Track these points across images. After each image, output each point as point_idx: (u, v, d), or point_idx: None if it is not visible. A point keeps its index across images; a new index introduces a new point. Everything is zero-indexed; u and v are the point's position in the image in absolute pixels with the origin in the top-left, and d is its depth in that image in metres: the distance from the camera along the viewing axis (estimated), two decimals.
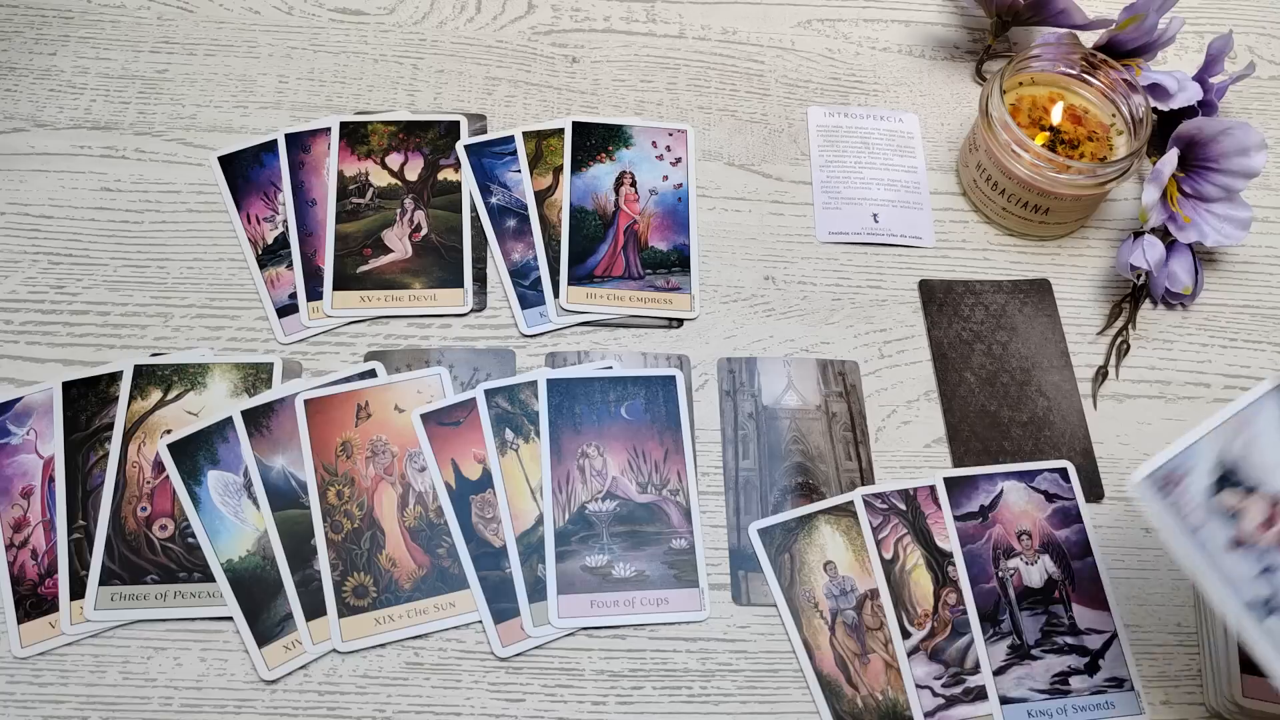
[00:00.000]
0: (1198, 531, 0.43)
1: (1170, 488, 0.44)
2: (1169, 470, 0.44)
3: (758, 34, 0.77)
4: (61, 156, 0.68)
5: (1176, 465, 0.44)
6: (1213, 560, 0.42)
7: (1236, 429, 0.44)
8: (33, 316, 0.63)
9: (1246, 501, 0.43)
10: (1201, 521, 0.43)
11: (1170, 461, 0.44)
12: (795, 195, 0.70)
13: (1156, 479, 0.44)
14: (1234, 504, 0.43)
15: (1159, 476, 0.44)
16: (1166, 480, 0.44)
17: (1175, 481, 0.44)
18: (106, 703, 0.53)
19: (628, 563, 0.57)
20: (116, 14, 0.74)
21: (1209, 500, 0.43)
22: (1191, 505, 0.43)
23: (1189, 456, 0.44)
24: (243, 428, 0.59)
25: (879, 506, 0.59)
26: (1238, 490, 0.43)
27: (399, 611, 0.55)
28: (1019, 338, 0.65)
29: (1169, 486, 0.44)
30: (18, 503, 0.57)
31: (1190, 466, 0.44)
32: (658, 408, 0.61)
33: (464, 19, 0.76)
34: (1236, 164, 0.64)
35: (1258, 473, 0.43)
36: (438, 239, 0.66)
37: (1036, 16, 0.72)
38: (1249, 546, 0.42)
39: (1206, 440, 0.44)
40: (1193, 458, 0.44)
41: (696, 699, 0.55)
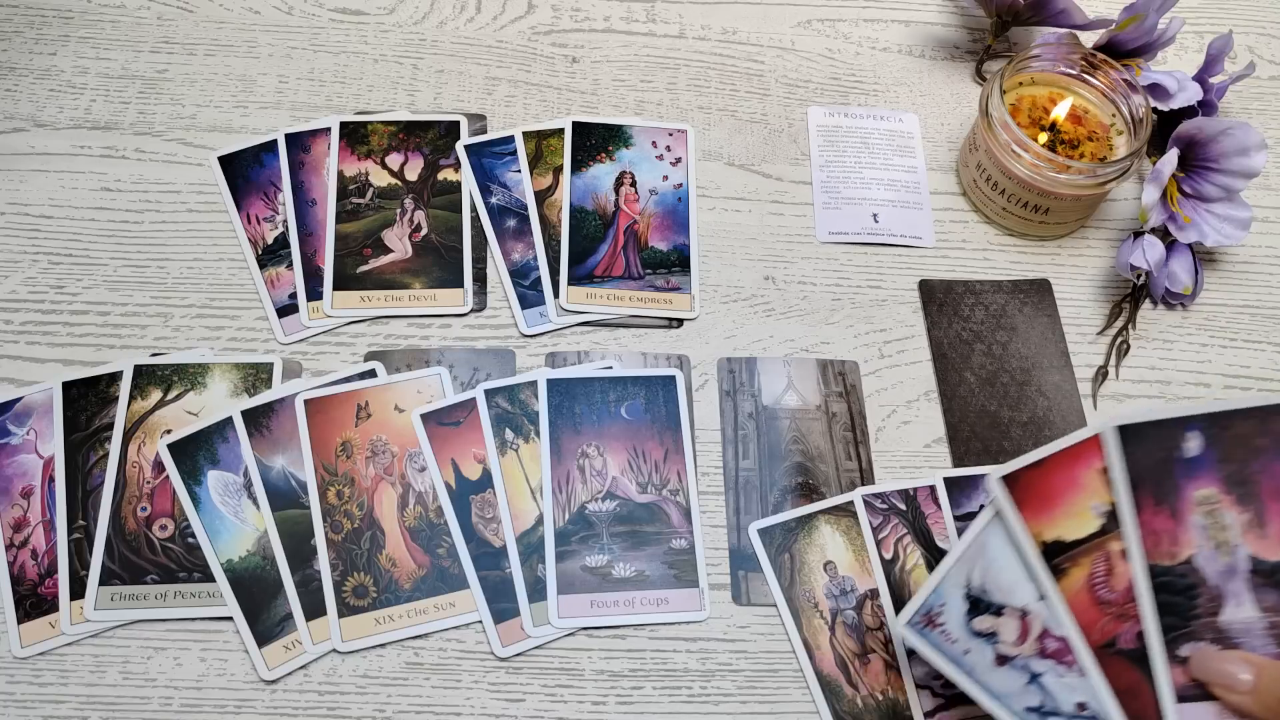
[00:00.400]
0: (966, 655, 0.46)
1: (932, 625, 0.47)
2: (925, 610, 0.47)
3: (758, 34, 0.77)
4: (61, 156, 0.68)
5: (930, 604, 0.47)
6: (985, 679, 0.45)
7: (973, 559, 0.47)
8: (33, 316, 0.63)
9: (998, 621, 0.46)
10: (966, 646, 0.46)
11: (924, 603, 0.47)
12: (795, 195, 0.70)
13: (917, 621, 0.47)
14: (989, 626, 0.46)
15: (919, 618, 0.47)
16: (927, 620, 0.47)
17: (935, 619, 0.47)
18: (106, 703, 0.53)
19: (628, 563, 0.57)
20: (116, 14, 0.74)
21: (966, 626, 0.46)
22: (954, 635, 0.47)
23: (939, 595, 0.47)
24: (243, 428, 0.59)
25: (879, 506, 0.59)
26: (989, 614, 0.46)
27: (399, 611, 0.55)
28: (1019, 338, 0.65)
29: (931, 625, 0.47)
30: (18, 503, 0.57)
31: (943, 602, 0.47)
32: (658, 408, 0.61)
33: (464, 19, 0.76)
34: (1236, 164, 0.64)
35: (1002, 594, 0.46)
36: (438, 239, 0.66)
37: (1036, 16, 0.72)
38: (1012, 661, 0.45)
39: (951, 575, 0.48)
40: (942, 595, 0.47)
41: (696, 699, 0.55)
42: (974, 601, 0.47)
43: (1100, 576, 0.45)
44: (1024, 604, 0.46)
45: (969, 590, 0.47)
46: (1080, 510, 0.46)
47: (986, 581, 0.47)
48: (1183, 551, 0.45)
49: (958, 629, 0.46)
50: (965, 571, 0.47)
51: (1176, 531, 0.45)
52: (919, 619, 0.47)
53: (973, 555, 0.47)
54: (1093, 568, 0.45)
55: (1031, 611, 0.46)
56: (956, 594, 0.47)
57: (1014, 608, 0.46)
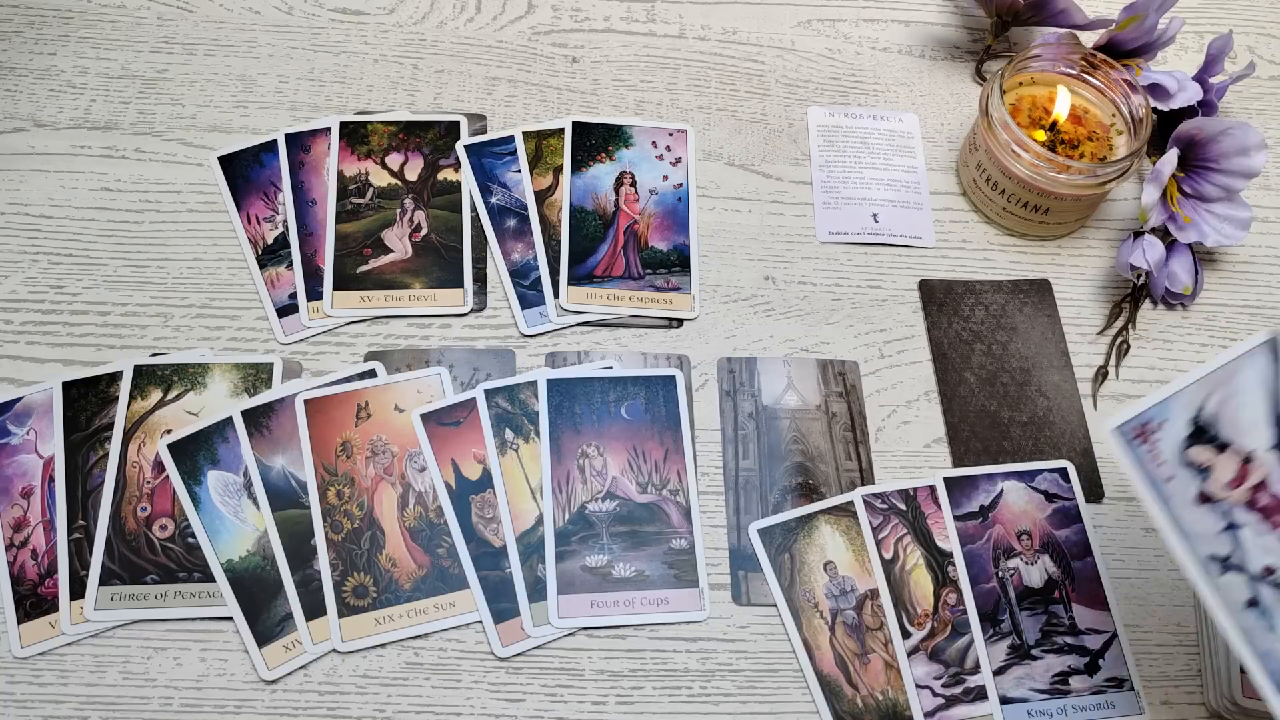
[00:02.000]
0: (1168, 483, 0.43)
1: (1144, 438, 0.43)
2: (1144, 420, 0.44)
3: (758, 34, 0.77)
4: (61, 156, 0.68)
5: (1152, 415, 0.43)
6: (1178, 513, 0.42)
7: (1216, 384, 0.43)
8: (33, 316, 0.63)
9: (1218, 458, 0.42)
10: (1172, 473, 0.43)
11: (1146, 411, 0.44)
12: (795, 195, 0.70)
13: (1131, 428, 0.44)
14: (1205, 459, 0.43)
15: (1134, 425, 0.44)
16: (1141, 430, 0.44)
17: (1150, 432, 0.43)
18: (106, 703, 0.53)
19: (628, 563, 0.57)
20: (116, 14, 0.74)
21: (1181, 453, 0.43)
22: (1164, 456, 0.43)
23: (1166, 408, 0.43)
24: (243, 428, 0.59)
25: (879, 506, 0.59)
26: (1210, 446, 0.42)
27: (399, 611, 0.55)
28: (1019, 338, 0.65)
29: (1143, 436, 0.43)
30: (18, 503, 0.57)
31: (1166, 418, 0.43)
32: (658, 408, 0.61)
33: (464, 19, 0.76)
34: (1236, 164, 0.64)
35: (1231, 430, 0.42)
36: (438, 239, 0.66)
37: (1036, 16, 0.72)
38: (1215, 503, 0.42)
39: (1185, 393, 0.43)
40: (1169, 410, 0.43)
41: (696, 699, 0.55)
42: (1199, 429, 0.42)
43: None
44: (1253, 447, 0.42)
45: (1198, 416, 0.42)
46: None
47: (1222, 412, 0.42)
48: None
49: (1170, 452, 0.43)
50: (1202, 395, 0.43)
51: None
52: (1132, 428, 0.43)
53: (1217, 380, 0.43)
54: None
55: (1258, 458, 0.41)
56: (1183, 416, 0.43)
57: (1240, 448, 0.42)
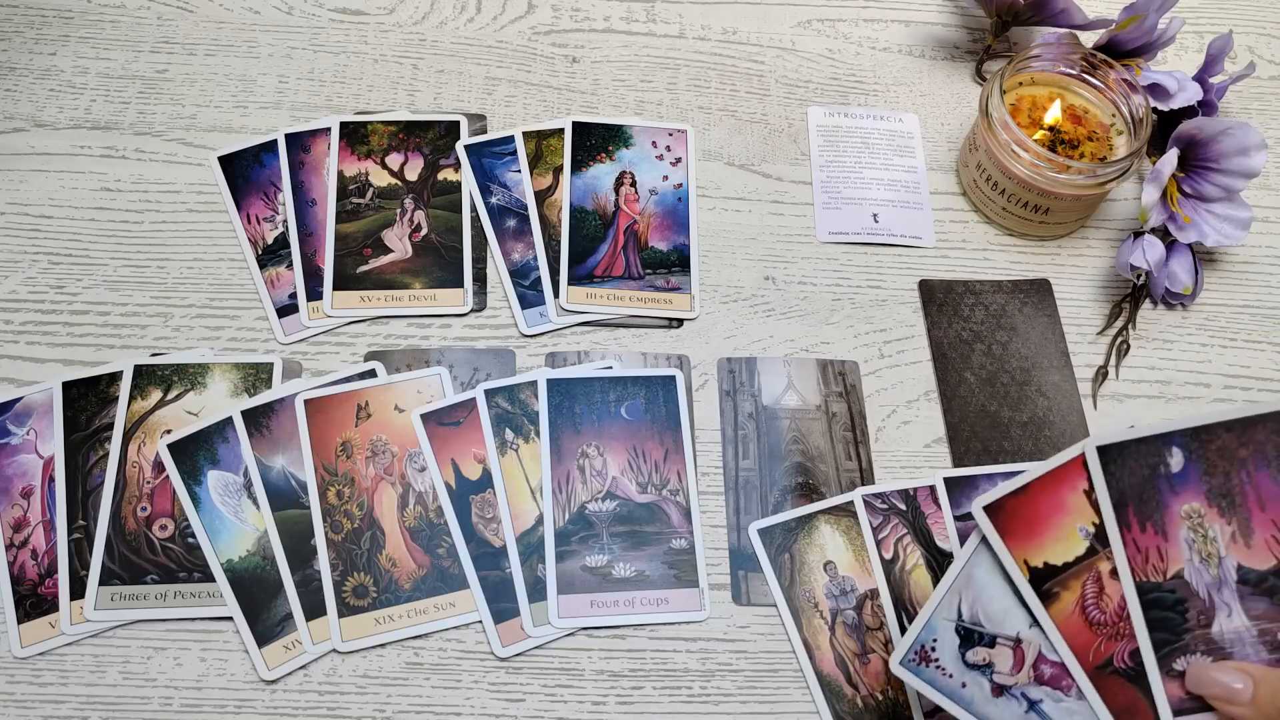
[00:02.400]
0: (964, 689, 0.46)
1: (926, 660, 0.47)
2: (918, 646, 0.47)
3: (758, 34, 0.77)
4: (61, 156, 0.68)
5: (923, 640, 0.47)
6: (983, 711, 0.45)
7: (961, 589, 0.47)
8: (33, 316, 0.63)
9: (992, 652, 0.46)
10: (963, 679, 0.46)
11: (916, 638, 0.47)
12: (795, 195, 0.70)
13: (911, 658, 0.47)
14: (983, 658, 0.46)
15: (912, 653, 0.47)
16: (921, 656, 0.47)
17: (929, 652, 0.47)
18: (106, 703, 0.53)
19: (628, 563, 0.57)
20: (116, 14, 0.74)
21: (961, 660, 0.46)
22: (949, 669, 0.46)
23: (930, 630, 0.47)
24: (243, 428, 0.59)
25: (879, 506, 0.59)
26: (982, 646, 0.46)
27: (399, 611, 0.55)
28: (1019, 338, 0.65)
29: (925, 659, 0.47)
30: (18, 503, 0.57)
31: (935, 636, 0.47)
32: (658, 408, 0.61)
33: (464, 19, 0.76)
34: (1236, 164, 0.64)
35: (993, 624, 0.46)
36: (438, 239, 0.66)
37: (1036, 16, 0.72)
38: (1010, 690, 0.45)
39: (941, 608, 0.47)
40: (934, 629, 0.47)
41: (696, 699, 0.55)
42: (966, 633, 0.47)
43: (1091, 598, 0.45)
44: (1016, 632, 0.46)
45: (960, 623, 0.47)
46: (1067, 533, 0.46)
47: (977, 612, 0.47)
48: (1171, 567, 0.45)
49: (952, 663, 0.46)
50: (954, 603, 0.47)
51: (1164, 547, 0.45)
52: (913, 656, 0.47)
53: (961, 586, 0.47)
54: (1083, 590, 0.45)
55: (1025, 639, 0.46)
56: (948, 627, 0.47)
57: (1007, 637, 0.46)
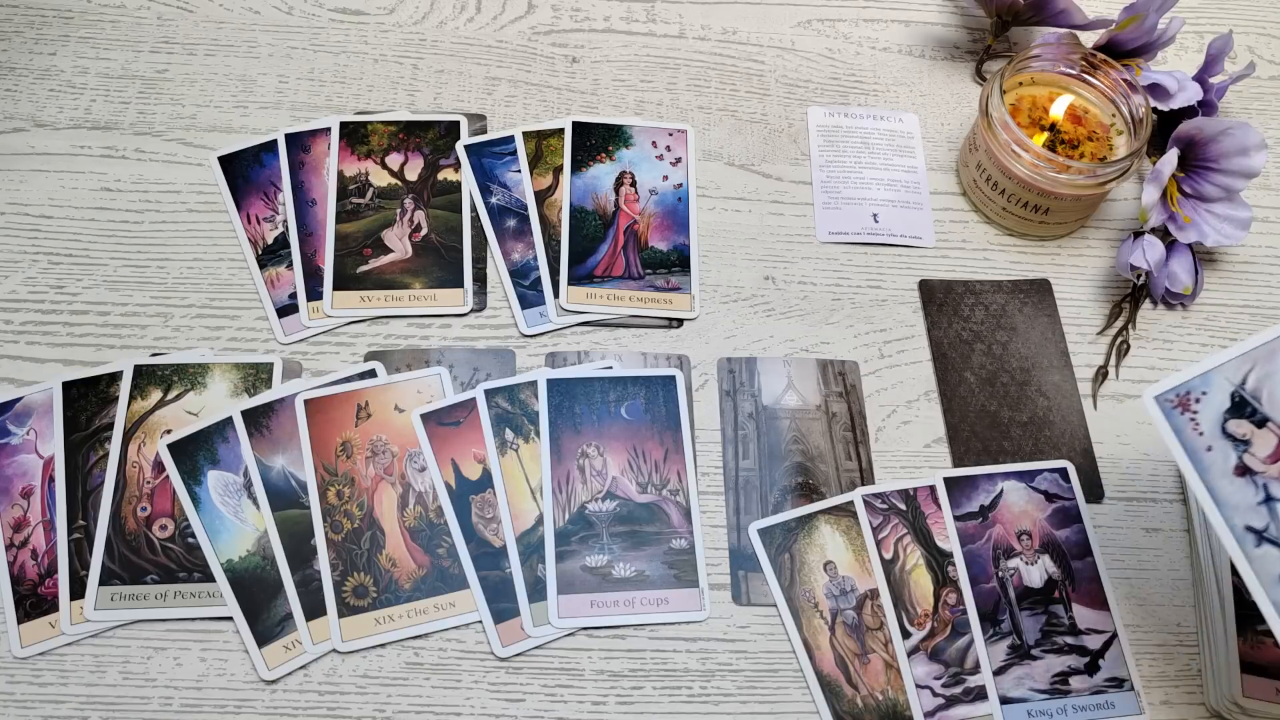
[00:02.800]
0: (1207, 452, 0.43)
1: (1184, 408, 0.44)
2: (1185, 390, 0.44)
3: (758, 34, 0.77)
4: (61, 156, 0.68)
5: (1193, 386, 0.44)
6: (1216, 483, 0.43)
7: (1257, 360, 0.44)
8: (33, 316, 0.63)
9: (1257, 432, 0.43)
10: (1210, 443, 0.44)
11: (1188, 382, 0.44)
12: (795, 195, 0.70)
13: (1171, 397, 0.44)
14: (1244, 433, 0.44)
15: (1174, 395, 0.44)
16: (1181, 400, 0.44)
17: (1190, 402, 0.44)
18: (106, 703, 0.53)
19: (628, 563, 0.57)
20: (116, 14, 0.74)
21: (1220, 425, 0.44)
22: (1203, 427, 0.44)
23: (1207, 381, 0.44)
24: (243, 428, 0.59)
25: (879, 506, 0.59)
26: (1249, 420, 0.44)
27: (399, 611, 0.55)
28: (1019, 338, 0.65)
29: (1183, 406, 0.44)
30: (18, 503, 0.57)
31: (1206, 390, 0.44)
32: (658, 408, 0.61)
33: (464, 19, 0.76)
34: (1236, 164, 0.64)
35: (1271, 407, 0.44)
36: (438, 239, 0.66)
37: (1036, 16, 0.72)
38: (1253, 475, 0.43)
39: (1227, 367, 0.44)
40: (1210, 382, 0.44)
41: (696, 699, 0.55)
42: (1239, 402, 0.44)
43: None
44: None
45: (1240, 389, 0.44)
46: None
47: (1262, 388, 0.44)
48: None
49: (1209, 423, 0.44)
50: (1244, 370, 0.44)
51: None
52: (1173, 398, 0.44)
53: (1258, 357, 0.44)
54: None
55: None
56: (1224, 388, 0.44)
57: (1277, 425, 0.43)
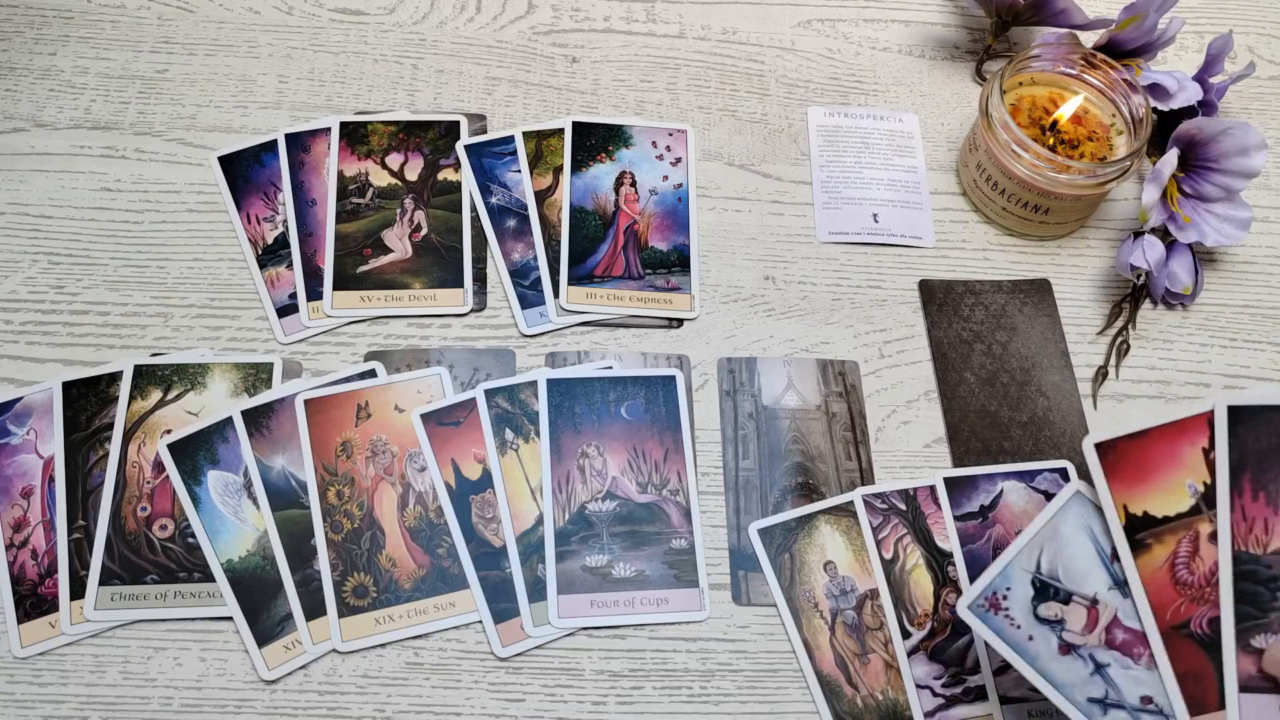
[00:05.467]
0: (1030, 642, 0.46)
1: (996, 608, 0.47)
2: (990, 592, 0.47)
3: (758, 34, 0.77)
4: (61, 156, 0.68)
5: (996, 585, 0.47)
6: (1047, 667, 0.45)
7: (1043, 542, 0.47)
8: (33, 316, 0.63)
9: (1066, 609, 0.46)
10: (1030, 633, 0.46)
11: (990, 584, 0.47)
12: (795, 195, 0.70)
13: (981, 601, 0.47)
14: (1055, 614, 0.46)
15: (983, 598, 0.47)
16: (991, 603, 0.47)
17: (1000, 600, 0.47)
18: (106, 703, 0.53)
19: (628, 563, 0.57)
20: (116, 14, 0.74)
21: (1032, 613, 0.46)
22: (1018, 620, 0.46)
23: (1006, 577, 0.47)
24: (243, 428, 0.59)
25: (879, 506, 0.59)
26: (1056, 601, 0.46)
27: (399, 611, 0.55)
28: (1019, 338, 0.65)
29: (995, 606, 0.47)
30: (18, 503, 0.57)
31: (1009, 585, 0.47)
32: (658, 408, 0.61)
33: (464, 19, 0.76)
34: (1236, 164, 0.64)
35: (1071, 582, 0.46)
36: (438, 239, 0.66)
37: (1036, 16, 0.72)
38: (1077, 650, 0.45)
39: (1020, 558, 0.47)
40: (1010, 577, 0.47)
41: (696, 699, 0.55)
42: (1041, 586, 0.46)
43: (1184, 557, 0.45)
44: (1094, 592, 0.45)
45: (1037, 575, 0.46)
46: (1174, 487, 0.45)
47: (1057, 567, 0.46)
48: (1275, 542, 0.44)
49: (1022, 614, 0.46)
50: (1035, 555, 0.46)
51: (1273, 521, 0.44)
52: (982, 601, 0.46)
53: (1044, 538, 0.47)
54: (1177, 547, 0.45)
55: (1101, 601, 0.45)
56: (1024, 578, 0.46)
57: (1083, 596, 0.45)
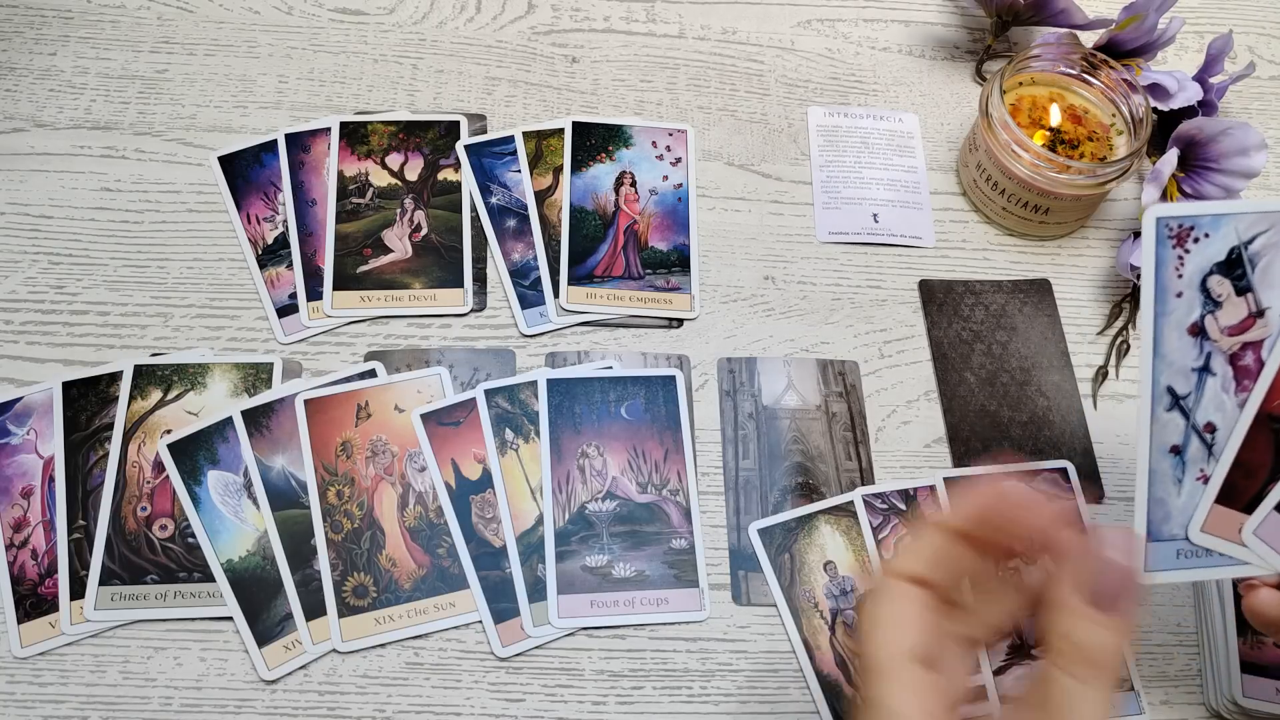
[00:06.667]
0: (1175, 297, 0.41)
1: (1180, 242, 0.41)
2: (1191, 224, 0.41)
3: (758, 34, 0.77)
4: (61, 156, 0.68)
5: (1200, 224, 0.41)
6: (1165, 332, 0.41)
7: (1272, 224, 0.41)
8: (33, 316, 0.63)
9: (1234, 298, 0.41)
10: (1182, 290, 0.41)
11: (1198, 217, 0.41)
12: (795, 195, 0.70)
13: (1172, 225, 0.41)
14: (1221, 293, 0.41)
15: (1177, 224, 0.41)
16: (1180, 233, 0.41)
17: (1187, 239, 0.41)
18: (106, 703, 0.53)
19: (628, 563, 0.57)
20: (116, 14, 0.74)
21: (1203, 275, 0.41)
22: (1186, 270, 0.41)
23: (1216, 224, 0.41)
24: (243, 428, 0.59)
25: (879, 506, 0.59)
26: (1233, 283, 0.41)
27: (399, 611, 0.55)
28: (1019, 338, 0.65)
29: (1179, 240, 0.41)
30: (18, 503, 0.57)
31: (1210, 233, 0.41)
32: (658, 408, 0.61)
33: (464, 19, 0.76)
34: (1236, 164, 0.64)
35: (1261, 278, 0.41)
36: (438, 239, 0.66)
37: (1036, 16, 0.72)
38: (1205, 339, 0.41)
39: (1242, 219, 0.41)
40: (1219, 226, 0.41)
41: (696, 699, 0.55)
42: (1235, 260, 0.41)
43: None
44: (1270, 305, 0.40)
45: (1241, 244, 0.41)
46: None
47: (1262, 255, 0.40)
48: None
49: (1194, 270, 0.41)
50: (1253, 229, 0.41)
51: None
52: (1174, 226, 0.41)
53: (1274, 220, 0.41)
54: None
55: (1269, 317, 0.40)
56: (1229, 239, 0.40)
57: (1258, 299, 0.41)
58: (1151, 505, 0.40)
